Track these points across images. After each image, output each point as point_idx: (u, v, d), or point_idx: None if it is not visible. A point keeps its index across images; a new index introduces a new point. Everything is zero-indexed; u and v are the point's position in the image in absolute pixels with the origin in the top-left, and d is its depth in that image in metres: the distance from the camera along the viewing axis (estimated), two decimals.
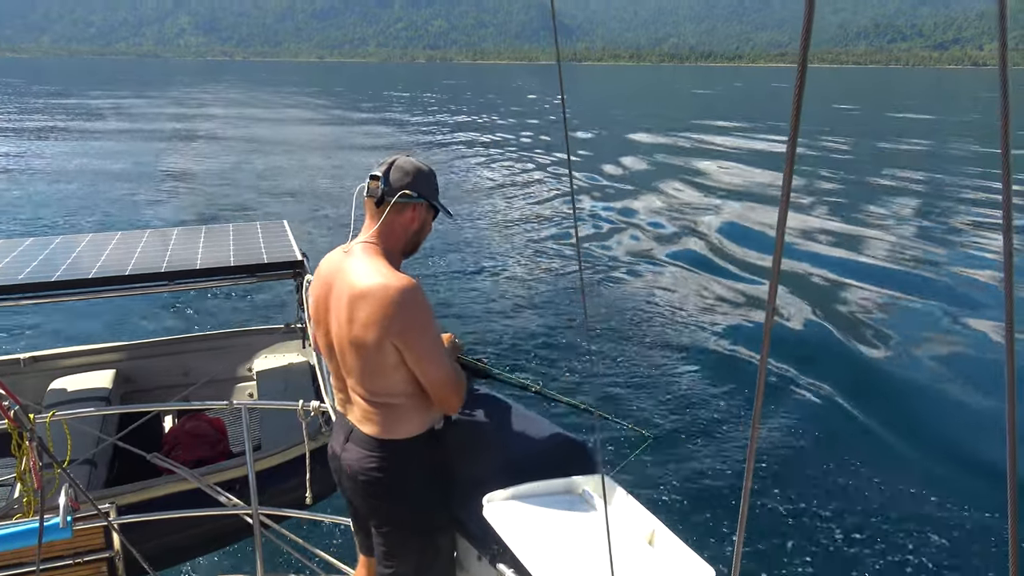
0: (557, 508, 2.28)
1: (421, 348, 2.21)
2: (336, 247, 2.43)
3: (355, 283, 2.21)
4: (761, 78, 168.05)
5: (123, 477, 4.36)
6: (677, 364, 8.82)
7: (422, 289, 2.26)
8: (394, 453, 2.32)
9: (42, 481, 2.68)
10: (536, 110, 55.98)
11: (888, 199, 20.02)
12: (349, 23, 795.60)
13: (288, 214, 14.63)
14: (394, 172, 2.28)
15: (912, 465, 6.88)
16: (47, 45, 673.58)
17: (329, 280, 2.34)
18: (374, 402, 2.30)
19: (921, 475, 6.69)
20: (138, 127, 37.06)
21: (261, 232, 5.38)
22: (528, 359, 8.86)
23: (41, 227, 15.47)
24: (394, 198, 2.26)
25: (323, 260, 2.43)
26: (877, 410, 7.84)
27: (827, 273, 12.70)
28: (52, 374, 5.20)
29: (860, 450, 7.09)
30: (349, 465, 2.37)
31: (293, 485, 3.92)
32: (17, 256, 4.73)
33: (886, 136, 38.08)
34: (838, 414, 7.80)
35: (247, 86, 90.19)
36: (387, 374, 2.24)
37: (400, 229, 2.33)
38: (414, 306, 2.19)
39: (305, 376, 5.11)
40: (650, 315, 10.58)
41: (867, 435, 7.43)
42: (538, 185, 22.41)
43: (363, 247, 2.29)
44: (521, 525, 2.19)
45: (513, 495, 2.30)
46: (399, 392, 2.28)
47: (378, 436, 2.32)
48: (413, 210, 2.32)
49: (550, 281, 12.25)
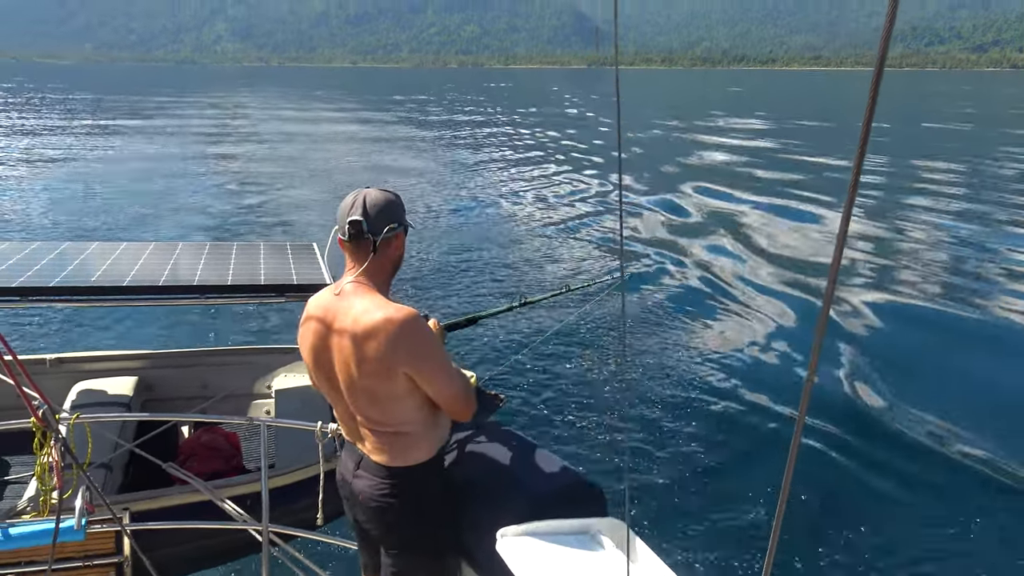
0: (570, 548, 2.28)
1: (432, 371, 2.33)
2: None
3: (358, 322, 2.29)
4: (796, 80, 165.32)
5: (137, 483, 4.40)
6: (699, 405, 8.20)
7: (421, 317, 2.37)
8: (405, 479, 2.43)
9: (62, 482, 2.74)
10: (573, 116, 55.87)
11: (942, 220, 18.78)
12: (382, 28, 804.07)
13: (315, 233, 14.68)
14: (372, 211, 2.33)
15: (975, 538, 6.06)
16: (89, 52, 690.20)
17: (326, 322, 2.40)
18: (385, 432, 2.40)
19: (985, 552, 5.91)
20: (176, 135, 37.60)
21: (291, 252, 5.39)
22: (540, 387, 8.58)
23: (75, 232, 15.74)
24: (381, 236, 2.33)
25: (311, 303, 2.50)
26: (931, 473, 6.98)
27: (876, 315, 11.41)
28: (76, 376, 5.29)
29: (904, 517, 6.32)
30: (361, 492, 2.48)
31: (304, 505, 3.92)
32: (54, 259, 4.79)
33: (925, 144, 37.23)
34: (883, 474, 6.95)
35: (284, 92, 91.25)
36: (398, 403, 2.34)
37: (388, 262, 2.43)
38: (419, 334, 2.31)
39: (322, 397, 5.05)
40: (670, 345, 9.93)
41: (915, 499, 6.60)
42: (580, 188, 22.36)
43: (355, 287, 2.37)
44: (533, 562, 2.19)
45: (527, 531, 2.30)
46: (409, 420, 2.38)
47: (389, 464, 2.42)
48: (397, 239, 2.43)
49: (569, 307, 11.63)
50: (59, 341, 9.38)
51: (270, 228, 16.88)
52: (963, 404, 8.30)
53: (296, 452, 4.35)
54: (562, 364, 9.36)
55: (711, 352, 9.85)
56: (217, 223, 17.24)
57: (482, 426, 2.76)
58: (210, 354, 5.79)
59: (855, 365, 9.35)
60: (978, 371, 9.35)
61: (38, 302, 4.35)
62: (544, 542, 2.28)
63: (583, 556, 2.24)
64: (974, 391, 8.76)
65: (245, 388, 5.61)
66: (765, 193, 21.59)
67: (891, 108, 64.13)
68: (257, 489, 3.68)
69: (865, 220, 17.93)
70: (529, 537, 2.29)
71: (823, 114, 61.28)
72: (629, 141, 35.15)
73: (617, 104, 1.25)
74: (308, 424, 3.62)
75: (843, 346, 9.91)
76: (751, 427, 7.81)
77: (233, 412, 5.38)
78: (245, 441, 5.21)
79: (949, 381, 9.06)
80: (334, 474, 2.91)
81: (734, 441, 7.49)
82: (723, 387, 8.74)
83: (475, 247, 14.83)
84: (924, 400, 8.40)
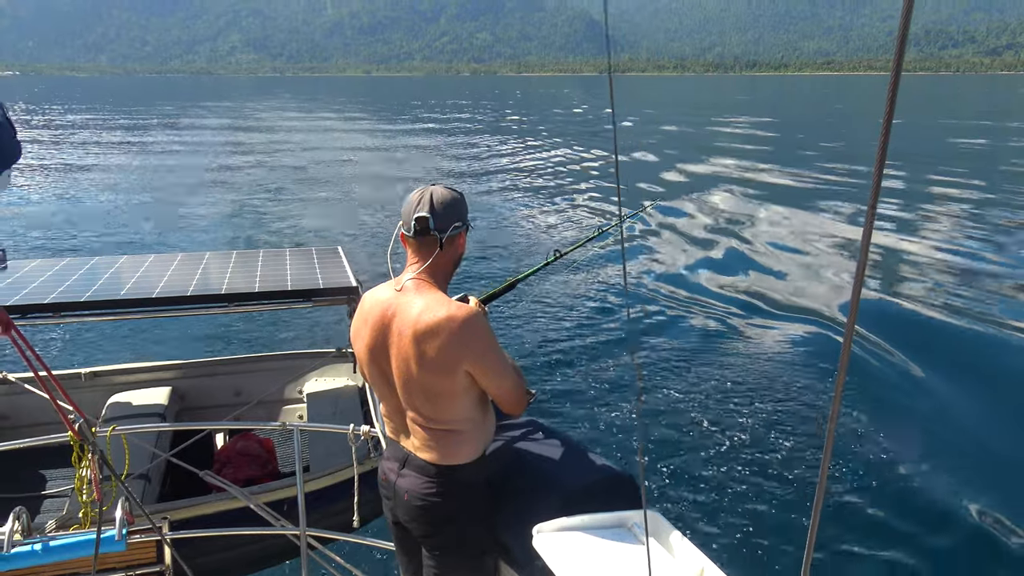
0: (607, 542, 2.27)
1: (494, 367, 2.34)
2: (379, 283, 2.48)
3: (420, 319, 2.28)
4: (810, 86, 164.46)
5: (174, 493, 4.47)
6: (731, 397, 8.28)
7: (482, 314, 2.40)
8: (452, 478, 2.41)
9: (101, 494, 2.76)
10: (582, 121, 55.94)
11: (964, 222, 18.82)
12: (396, 38, 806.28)
13: (340, 238, 14.88)
14: (439, 208, 2.32)
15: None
16: (104, 64, 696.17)
17: (384, 317, 2.39)
18: (436, 429, 2.38)
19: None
20: (194, 146, 37.85)
21: (316, 257, 5.47)
22: (571, 379, 8.78)
23: (104, 245, 15.93)
24: (446, 234, 2.32)
25: (368, 297, 2.48)
26: (969, 468, 6.96)
27: (899, 311, 11.60)
28: (111, 389, 5.37)
29: (940, 509, 6.30)
30: (407, 491, 2.44)
31: (340, 508, 3.95)
32: (85, 273, 4.89)
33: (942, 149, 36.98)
34: (922, 468, 6.94)
35: (299, 102, 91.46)
36: (456, 400, 2.34)
37: (451, 259, 2.42)
38: (483, 331, 2.31)
39: (354, 400, 5.18)
40: (701, 339, 10.09)
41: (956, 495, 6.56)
42: (585, 195, 22.45)
43: (416, 283, 2.35)
44: (571, 557, 2.19)
45: (563, 526, 2.30)
46: (463, 417, 2.38)
47: (437, 462, 2.40)
48: (461, 237, 2.41)
49: (594, 298, 12.09)
50: (93, 355, 9.49)
51: (298, 234, 16.97)
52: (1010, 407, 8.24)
53: (330, 455, 4.38)
54: (578, 350, 9.63)
55: (739, 343, 10.09)
56: (243, 232, 17.39)
57: (512, 422, 2.78)
58: (241, 361, 5.81)
59: (888, 352, 9.58)
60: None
61: (71, 318, 4.44)
62: (580, 536, 2.28)
63: (620, 549, 2.24)
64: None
65: (277, 394, 5.63)
66: (777, 196, 21.64)
67: (907, 114, 63.70)
68: (293, 494, 3.75)
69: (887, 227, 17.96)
70: (565, 532, 2.29)
71: (832, 119, 61.01)
72: (631, 146, 35.11)
73: (612, 106, 1.38)
74: (341, 427, 3.67)
75: (874, 333, 10.10)
76: (788, 416, 7.89)
77: (266, 418, 5.43)
78: (279, 446, 5.26)
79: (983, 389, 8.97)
80: (368, 476, 2.96)
81: (771, 432, 7.53)
82: (751, 380, 8.85)
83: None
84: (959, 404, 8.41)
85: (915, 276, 13.71)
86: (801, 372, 9.07)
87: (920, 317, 11.24)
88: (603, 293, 12.32)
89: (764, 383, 8.78)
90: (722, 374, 8.98)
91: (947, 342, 10.35)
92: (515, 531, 2.40)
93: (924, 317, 11.24)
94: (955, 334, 10.65)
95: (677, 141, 39.96)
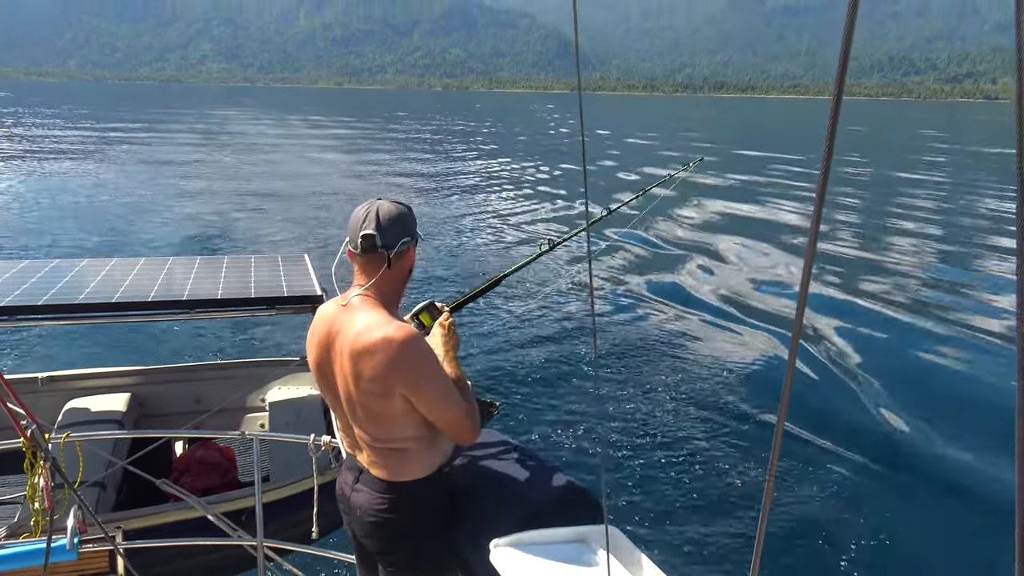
0: (564, 557, 2.26)
1: (431, 394, 2.26)
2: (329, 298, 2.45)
3: (358, 338, 2.24)
4: (781, 109, 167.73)
5: (131, 501, 4.39)
6: (690, 411, 8.46)
7: (422, 337, 2.32)
8: (404, 495, 2.38)
9: (53, 502, 2.70)
10: (553, 136, 56.37)
11: (910, 236, 19.79)
12: (368, 51, 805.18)
13: (307, 246, 14.82)
14: (386, 223, 2.27)
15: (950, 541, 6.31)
16: (73, 69, 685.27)
17: (329, 334, 2.36)
18: (383, 448, 2.35)
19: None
20: (162, 153, 37.46)
21: (282, 264, 5.41)
22: (536, 392, 8.78)
23: (66, 248, 15.65)
24: (394, 250, 2.28)
25: (319, 312, 2.46)
26: (908, 471, 7.32)
27: (848, 322, 12.06)
28: (68, 394, 5.26)
29: (887, 516, 6.55)
30: (359, 507, 2.43)
31: (300, 519, 3.91)
32: (43, 277, 4.78)
33: (900, 170, 37.93)
34: (862, 475, 7.24)
35: (268, 112, 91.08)
36: (396, 421, 2.29)
37: (400, 275, 2.37)
38: (419, 355, 2.23)
39: (317, 409, 5.12)
40: (662, 353, 10.27)
41: (897, 499, 6.89)
42: (554, 208, 22.62)
43: (361, 299, 2.32)
44: (527, 572, 2.18)
45: (520, 541, 2.29)
46: (408, 437, 2.33)
47: (388, 479, 2.38)
48: (409, 252, 2.37)
49: (561, 311, 12.15)
50: (51, 359, 9.32)
51: (260, 241, 16.89)
52: (934, 409, 8.76)
53: (290, 465, 4.32)
54: (544, 362, 9.72)
55: (698, 355, 10.30)
56: (207, 237, 17.23)
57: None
58: (203, 368, 5.74)
59: (835, 366, 9.97)
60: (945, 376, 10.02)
61: (28, 321, 4.35)
62: (538, 551, 2.26)
63: (579, 564, 2.22)
64: (943, 396, 9.31)
65: (239, 402, 5.56)
66: (736, 220, 22.05)
67: (869, 137, 65.20)
68: (251, 504, 3.70)
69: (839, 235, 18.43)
70: (523, 546, 2.27)
71: (793, 140, 62.32)
72: (598, 157, 35.49)
73: (581, 121, 1.40)
74: (301, 437, 3.62)
75: (825, 344, 10.57)
76: (744, 427, 8.15)
77: (228, 426, 5.35)
78: (240, 455, 5.19)
79: (918, 386, 9.61)
80: (328, 487, 2.92)
81: (726, 444, 7.74)
82: (708, 394, 9.07)
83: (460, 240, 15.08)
84: (898, 404, 8.92)
85: (866, 284, 14.40)
86: (754, 383, 9.34)
87: (866, 328, 11.71)
88: (565, 306, 12.42)
89: (722, 394, 9.01)
90: (684, 388, 9.16)
91: (889, 353, 10.81)
92: (475, 547, 2.38)
93: (869, 329, 11.70)
94: (896, 344, 11.15)
95: (639, 155, 40.56)
